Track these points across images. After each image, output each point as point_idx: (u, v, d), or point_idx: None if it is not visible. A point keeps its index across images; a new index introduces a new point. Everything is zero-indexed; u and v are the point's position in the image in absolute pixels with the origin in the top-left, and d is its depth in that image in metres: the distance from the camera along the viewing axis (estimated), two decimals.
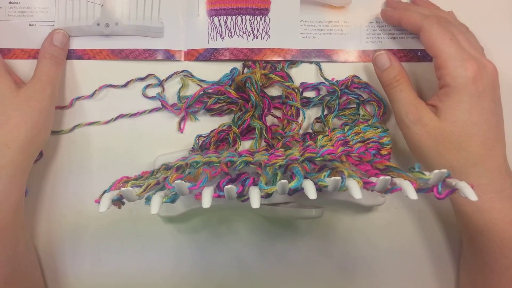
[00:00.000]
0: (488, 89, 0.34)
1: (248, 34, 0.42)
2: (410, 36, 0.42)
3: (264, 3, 0.42)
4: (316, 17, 0.42)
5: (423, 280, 0.43)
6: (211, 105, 0.41)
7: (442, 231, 0.43)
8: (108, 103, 0.42)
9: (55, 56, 0.39)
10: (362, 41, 0.43)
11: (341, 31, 0.43)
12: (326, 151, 0.31)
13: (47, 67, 0.38)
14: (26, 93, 0.36)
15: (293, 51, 0.42)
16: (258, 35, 0.42)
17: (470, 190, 0.25)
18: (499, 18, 0.44)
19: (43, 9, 0.42)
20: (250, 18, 0.42)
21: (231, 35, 0.42)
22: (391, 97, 0.38)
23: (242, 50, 0.42)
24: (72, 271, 0.42)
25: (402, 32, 0.42)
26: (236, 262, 0.42)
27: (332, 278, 0.42)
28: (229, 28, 0.42)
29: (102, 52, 0.42)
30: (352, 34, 0.43)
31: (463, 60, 0.34)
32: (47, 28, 0.42)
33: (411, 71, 0.42)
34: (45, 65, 0.38)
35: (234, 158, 0.33)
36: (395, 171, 0.30)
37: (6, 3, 0.42)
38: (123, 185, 0.31)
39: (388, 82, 0.38)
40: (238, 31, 0.42)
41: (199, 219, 0.42)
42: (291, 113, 0.41)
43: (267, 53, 0.42)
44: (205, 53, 0.42)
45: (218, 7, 0.42)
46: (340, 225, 0.43)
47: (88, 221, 0.42)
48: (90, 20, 0.42)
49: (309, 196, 0.26)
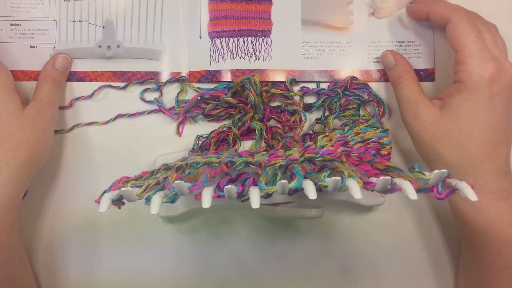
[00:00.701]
0: (503, 92, 0.34)
1: (250, 56, 0.42)
2: (413, 55, 0.42)
3: (266, 24, 0.42)
4: (318, 38, 0.42)
5: (423, 280, 0.43)
6: (209, 111, 0.41)
7: (441, 231, 0.43)
8: (107, 104, 0.42)
9: (56, 80, 0.39)
10: (364, 61, 0.42)
11: (343, 51, 0.42)
12: (326, 151, 0.31)
13: (48, 89, 0.38)
14: (30, 113, 0.36)
15: (295, 72, 0.42)
16: (260, 56, 0.42)
17: (470, 191, 0.25)
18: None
19: (44, 31, 0.41)
20: (252, 39, 0.42)
21: (233, 57, 0.42)
22: (395, 94, 0.39)
23: (244, 72, 0.42)
24: (72, 271, 0.42)
25: (405, 51, 0.42)
26: (236, 262, 0.42)
27: (332, 278, 0.42)
28: (231, 50, 0.42)
29: (104, 75, 0.42)
30: (354, 54, 0.42)
31: (484, 60, 0.33)
32: (48, 50, 0.41)
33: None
34: (46, 88, 0.38)
35: (234, 158, 0.33)
36: (395, 171, 0.30)
37: (8, 25, 0.41)
38: (123, 185, 0.31)
39: (393, 80, 0.39)
40: (240, 53, 0.42)
41: (199, 219, 0.42)
42: (294, 119, 0.41)
43: (269, 74, 0.42)
44: (207, 75, 0.42)
45: (220, 29, 0.42)
46: (340, 225, 0.43)
47: (88, 221, 0.42)
48: (91, 42, 0.42)
49: (309, 196, 0.26)
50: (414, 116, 0.36)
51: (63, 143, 0.42)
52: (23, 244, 0.40)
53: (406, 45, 0.42)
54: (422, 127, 0.36)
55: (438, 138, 0.35)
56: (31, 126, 0.36)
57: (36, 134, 0.36)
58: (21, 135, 0.35)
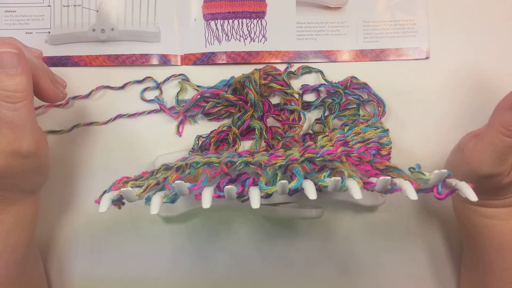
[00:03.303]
0: None
1: (245, 38, 0.42)
2: (408, 34, 0.43)
3: (260, 6, 0.42)
4: (313, 19, 0.42)
5: (423, 280, 0.43)
6: (209, 109, 0.41)
7: (442, 232, 0.43)
8: (106, 104, 0.42)
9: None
10: (359, 41, 0.43)
11: (338, 32, 0.43)
12: (326, 151, 0.31)
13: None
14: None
15: (290, 53, 0.42)
16: (255, 38, 0.42)
17: (470, 191, 0.25)
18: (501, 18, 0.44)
19: (38, 17, 0.42)
20: (247, 21, 0.42)
21: (228, 39, 0.42)
22: (494, 140, 0.32)
23: (240, 54, 0.42)
24: (72, 271, 0.42)
25: (400, 30, 0.43)
26: (236, 262, 0.42)
27: (332, 278, 0.42)
28: (226, 32, 0.42)
29: (99, 58, 0.42)
30: (349, 35, 0.43)
31: None
32: (43, 35, 0.42)
33: (407, 69, 0.43)
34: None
35: (234, 158, 0.33)
36: (395, 171, 0.30)
37: (3, 11, 0.42)
38: (123, 185, 0.31)
39: (508, 126, 0.31)
40: (235, 35, 0.42)
41: (199, 219, 0.42)
42: (293, 118, 0.41)
43: (264, 55, 0.42)
44: (203, 57, 0.42)
45: (215, 11, 0.42)
46: (340, 225, 0.43)
47: (88, 221, 0.42)
48: (85, 26, 0.42)
49: (309, 197, 0.26)
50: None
51: (63, 143, 0.42)
52: None
53: (400, 24, 0.42)
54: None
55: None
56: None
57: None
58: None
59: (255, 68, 0.42)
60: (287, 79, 0.42)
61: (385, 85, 0.42)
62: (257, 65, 0.42)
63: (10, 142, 0.29)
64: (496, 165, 0.32)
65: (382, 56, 0.43)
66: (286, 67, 0.42)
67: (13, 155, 0.30)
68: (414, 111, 0.43)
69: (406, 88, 0.43)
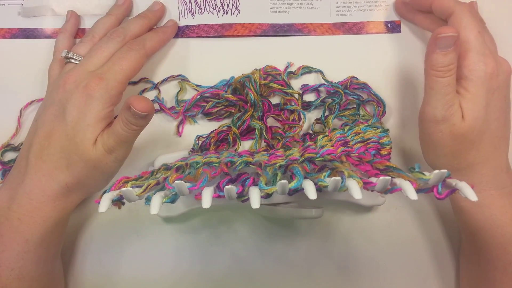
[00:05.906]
0: (501, 87, 0.34)
1: (218, 10, 0.42)
2: (380, 8, 0.43)
3: None
4: None
5: (423, 280, 0.43)
6: (209, 109, 0.41)
7: (442, 231, 0.43)
8: None
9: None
10: (332, 14, 0.43)
11: (311, 5, 0.43)
12: (326, 151, 0.31)
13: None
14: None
15: (263, 26, 0.42)
16: (228, 10, 0.42)
17: (470, 191, 0.25)
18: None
19: None
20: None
21: (201, 12, 0.42)
22: (432, 84, 0.34)
23: (213, 26, 0.42)
24: (72, 271, 0.42)
25: (372, 4, 0.43)
26: (236, 262, 0.42)
27: (332, 278, 0.42)
28: (199, 5, 0.42)
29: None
30: (322, 8, 0.43)
31: (485, 55, 0.33)
32: (16, 7, 0.41)
33: (381, 43, 0.43)
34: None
35: (234, 158, 0.33)
36: (395, 171, 0.30)
37: None
38: (123, 185, 0.31)
39: (437, 67, 0.33)
40: (208, 7, 0.42)
41: (199, 219, 0.42)
42: (293, 118, 0.41)
43: (237, 28, 0.42)
44: (177, 32, 0.42)
45: None
46: (340, 225, 0.43)
47: (88, 221, 0.42)
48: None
49: (309, 196, 0.26)
50: (446, 118, 0.33)
51: None
52: None
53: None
54: (449, 131, 0.34)
55: (459, 142, 0.34)
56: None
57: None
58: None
59: (255, 68, 0.42)
60: (287, 79, 0.42)
61: (358, 59, 0.43)
62: (230, 38, 0.42)
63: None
64: (446, 107, 0.33)
65: (355, 29, 0.43)
66: (286, 66, 0.42)
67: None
68: (414, 111, 0.43)
69: (379, 62, 0.43)
